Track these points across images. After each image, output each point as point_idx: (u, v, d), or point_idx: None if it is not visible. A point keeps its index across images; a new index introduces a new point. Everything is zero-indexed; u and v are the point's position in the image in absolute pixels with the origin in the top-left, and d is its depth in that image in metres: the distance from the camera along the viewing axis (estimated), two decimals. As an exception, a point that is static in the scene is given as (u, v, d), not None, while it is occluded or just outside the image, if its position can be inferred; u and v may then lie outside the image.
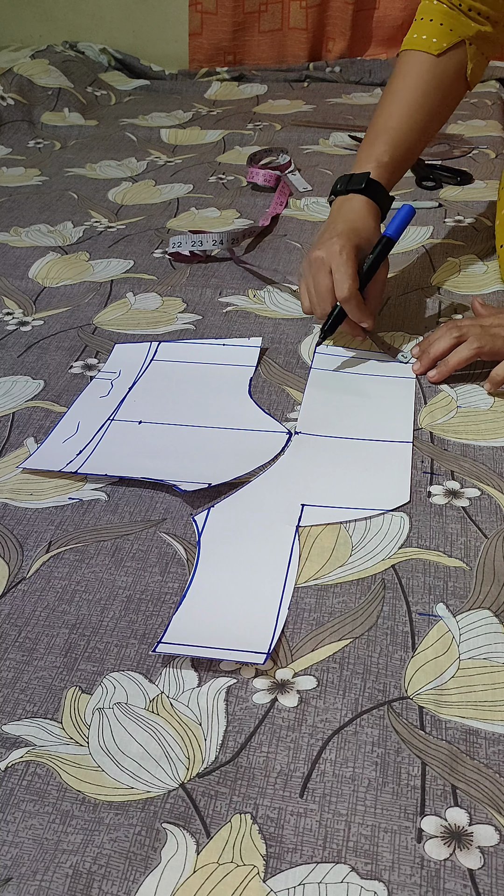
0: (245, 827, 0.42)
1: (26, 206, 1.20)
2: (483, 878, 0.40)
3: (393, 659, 0.51)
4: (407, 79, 0.87)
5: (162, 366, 0.81)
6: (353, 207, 0.82)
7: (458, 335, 0.76)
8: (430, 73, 0.86)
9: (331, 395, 0.75)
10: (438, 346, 0.76)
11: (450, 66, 0.86)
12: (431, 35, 0.86)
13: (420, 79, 0.86)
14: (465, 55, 0.86)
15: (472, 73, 0.88)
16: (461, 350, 0.75)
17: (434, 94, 0.86)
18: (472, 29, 0.85)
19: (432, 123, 0.88)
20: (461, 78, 0.88)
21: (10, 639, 0.53)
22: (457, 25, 0.86)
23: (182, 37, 1.95)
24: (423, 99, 0.86)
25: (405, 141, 0.86)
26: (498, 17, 0.86)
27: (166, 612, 0.54)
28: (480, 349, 0.74)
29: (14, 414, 0.75)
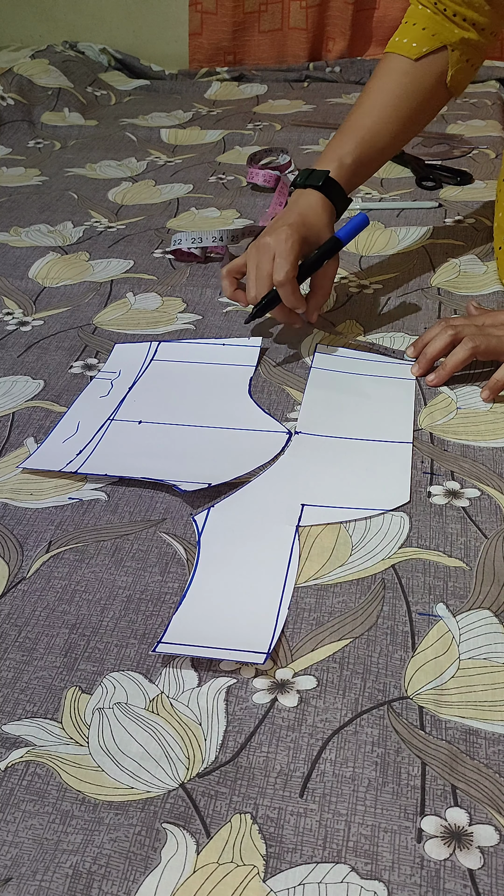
0: (245, 827, 0.42)
1: (26, 206, 1.20)
2: (483, 878, 0.40)
3: (393, 659, 0.51)
4: (382, 81, 0.87)
5: (162, 366, 0.81)
6: (309, 202, 0.82)
7: (452, 334, 0.76)
8: (406, 77, 0.86)
9: (331, 395, 0.75)
10: (435, 346, 0.76)
11: (428, 71, 0.86)
12: (413, 39, 0.86)
13: (395, 83, 0.86)
14: (446, 61, 0.86)
15: (454, 79, 0.87)
16: (457, 352, 0.75)
17: (408, 100, 0.86)
18: (456, 35, 0.85)
19: (405, 128, 0.88)
20: (440, 84, 0.87)
21: (10, 639, 0.53)
22: (440, 31, 0.85)
23: (182, 37, 1.95)
24: (396, 102, 0.86)
25: (372, 144, 0.86)
26: (485, 24, 0.85)
27: (166, 612, 0.54)
28: (476, 349, 0.74)
29: (14, 414, 0.75)
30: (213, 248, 1.01)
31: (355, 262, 1.00)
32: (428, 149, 1.37)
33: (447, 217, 1.11)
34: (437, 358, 0.76)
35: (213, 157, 1.38)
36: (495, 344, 0.74)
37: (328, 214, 0.82)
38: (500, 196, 0.94)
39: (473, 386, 0.76)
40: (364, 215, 0.82)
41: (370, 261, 1.00)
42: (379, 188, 1.22)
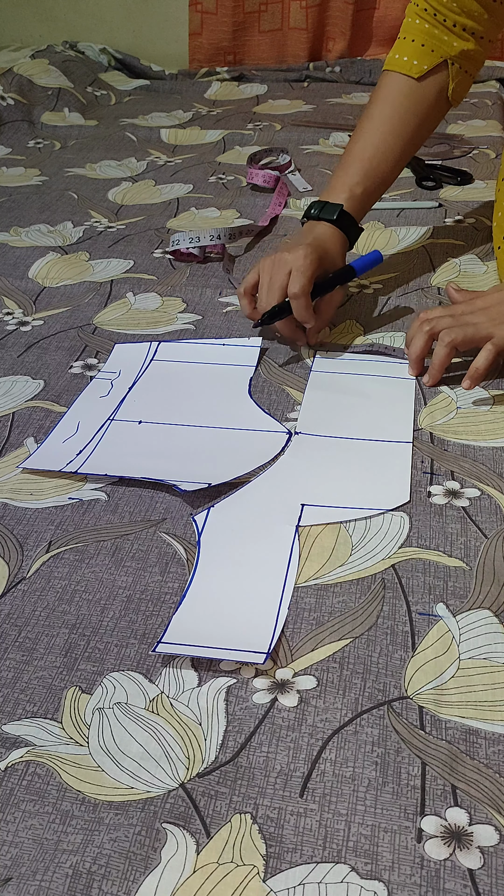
0: (245, 827, 0.42)
1: (26, 206, 1.20)
2: (483, 878, 0.40)
3: (393, 659, 0.51)
4: (385, 104, 0.87)
5: (162, 366, 0.81)
6: (324, 232, 0.84)
7: (428, 330, 0.76)
8: (409, 98, 0.86)
9: (331, 395, 0.75)
10: (416, 347, 0.76)
11: (430, 88, 0.86)
12: (413, 56, 0.86)
13: (398, 104, 0.86)
14: (447, 75, 0.86)
15: (455, 91, 0.87)
16: (437, 351, 0.75)
17: (412, 120, 0.86)
18: (455, 49, 0.85)
19: (408, 148, 0.88)
20: (442, 99, 0.88)
21: (10, 639, 0.53)
22: (438, 45, 0.85)
23: (182, 37, 1.95)
24: (400, 125, 0.86)
25: (380, 171, 0.87)
26: (483, 32, 0.86)
27: (166, 612, 0.54)
28: (454, 342, 0.74)
29: (14, 414, 0.75)
30: (211, 248, 1.01)
31: (355, 262, 1.00)
32: (428, 149, 1.37)
33: (447, 217, 1.11)
34: (422, 357, 0.76)
35: (213, 157, 1.38)
36: (471, 333, 0.73)
37: (342, 245, 0.84)
38: (499, 196, 0.94)
39: (473, 386, 0.76)
40: (378, 253, 0.85)
41: (370, 261, 1.00)
42: (379, 188, 1.22)
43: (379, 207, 1.14)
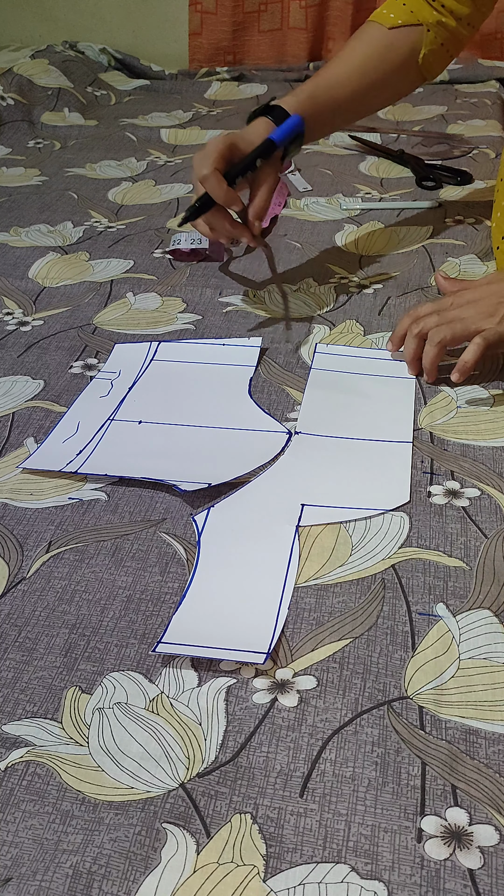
0: (245, 827, 0.42)
1: (26, 206, 1.20)
2: (483, 878, 0.40)
3: (393, 659, 0.51)
4: (355, 42, 0.90)
5: (162, 366, 0.81)
6: (253, 124, 0.83)
7: (417, 332, 0.75)
8: (377, 41, 0.89)
9: (331, 395, 0.75)
10: (408, 350, 0.76)
11: (399, 41, 0.88)
12: (391, 10, 0.90)
13: (366, 45, 0.89)
14: (420, 39, 0.88)
15: (426, 59, 0.89)
16: (428, 351, 0.74)
17: (375, 62, 0.88)
18: (434, 17, 0.88)
19: (368, 90, 0.89)
20: (412, 60, 0.89)
21: (10, 639, 0.53)
22: (419, 9, 0.88)
23: (182, 37, 1.95)
24: (362, 62, 0.88)
25: (333, 88, 0.87)
26: (462, 14, 0.88)
27: (166, 612, 0.54)
28: (443, 342, 0.73)
29: (14, 414, 0.75)
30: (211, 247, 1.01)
31: (355, 262, 1.00)
32: (428, 149, 1.37)
33: (447, 217, 1.11)
34: (418, 357, 0.76)
35: (213, 157, 1.37)
36: (460, 330, 0.73)
37: (267, 130, 0.82)
38: (498, 196, 0.94)
39: (474, 385, 0.76)
40: (298, 117, 0.81)
41: (370, 261, 1.00)
42: (379, 188, 1.22)
43: (379, 207, 1.14)
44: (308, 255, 1.02)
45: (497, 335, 0.71)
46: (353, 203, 1.16)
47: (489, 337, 0.71)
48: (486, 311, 0.73)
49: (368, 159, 1.35)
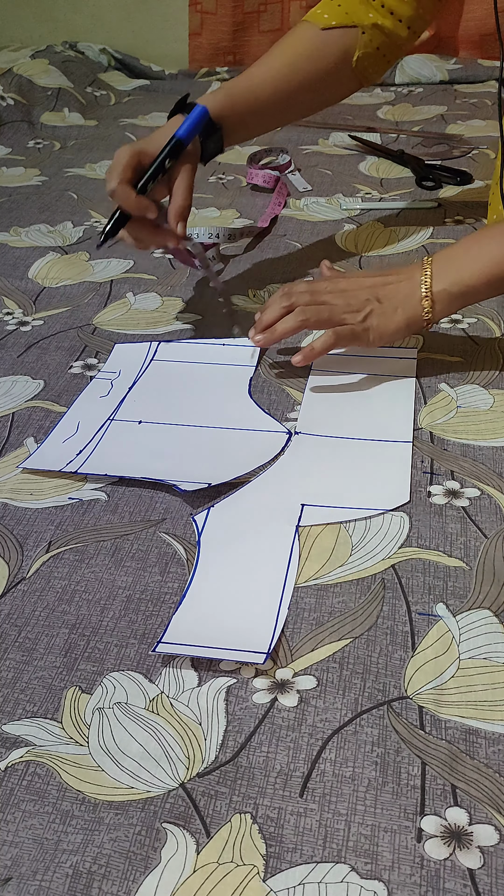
0: (245, 827, 0.42)
1: (26, 206, 1.20)
2: (483, 878, 0.40)
3: (393, 659, 0.51)
4: (286, 40, 0.88)
5: (162, 366, 0.81)
6: (168, 123, 0.81)
7: (286, 304, 0.75)
8: (307, 41, 0.86)
9: (331, 395, 0.75)
10: (268, 315, 0.75)
11: (332, 43, 0.86)
12: (326, 11, 0.87)
13: (296, 43, 0.87)
14: (355, 41, 0.86)
15: (360, 62, 0.87)
16: (287, 319, 0.73)
17: (303, 62, 0.86)
18: (370, 19, 0.85)
19: (297, 92, 0.86)
20: (345, 62, 0.87)
21: (10, 639, 0.53)
22: (354, 10, 0.86)
23: (182, 37, 1.95)
24: (292, 60, 0.85)
25: (256, 88, 0.84)
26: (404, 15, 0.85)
27: (166, 612, 0.54)
28: (306, 321, 0.73)
29: (14, 414, 0.75)
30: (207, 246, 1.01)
31: (355, 262, 1.00)
32: (428, 149, 1.37)
33: (447, 217, 1.11)
34: (270, 325, 0.75)
35: (212, 157, 1.38)
36: (325, 316, 0.73)
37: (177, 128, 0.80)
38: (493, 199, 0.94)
39: (474, 385, 0.76)
40: (203, 108, 0.78)
41: (370, 261, 1.00)
42: (379, 188, 1.22)
43: (379, 207, 1.14)
44: (308, 255, 1.02)
45: (351, 333, 0.72)
46: (353, 203, 1.16)
47: (342, 333, 0.72)
48: (355, 305, 0.73)
49: (368, 159, 1.35)
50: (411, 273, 0.73)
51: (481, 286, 0.70)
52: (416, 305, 0.72)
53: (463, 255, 0.71)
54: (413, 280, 0.73)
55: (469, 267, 0.70)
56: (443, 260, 0.72)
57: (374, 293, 0.73)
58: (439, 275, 0.71)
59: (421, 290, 0.72)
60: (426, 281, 0.71)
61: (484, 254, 0.70)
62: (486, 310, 0.87)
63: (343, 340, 0.73)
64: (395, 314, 0.73)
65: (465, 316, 0.87)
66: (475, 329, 0.85)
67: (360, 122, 1.53)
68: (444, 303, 0.72)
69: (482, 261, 0.70)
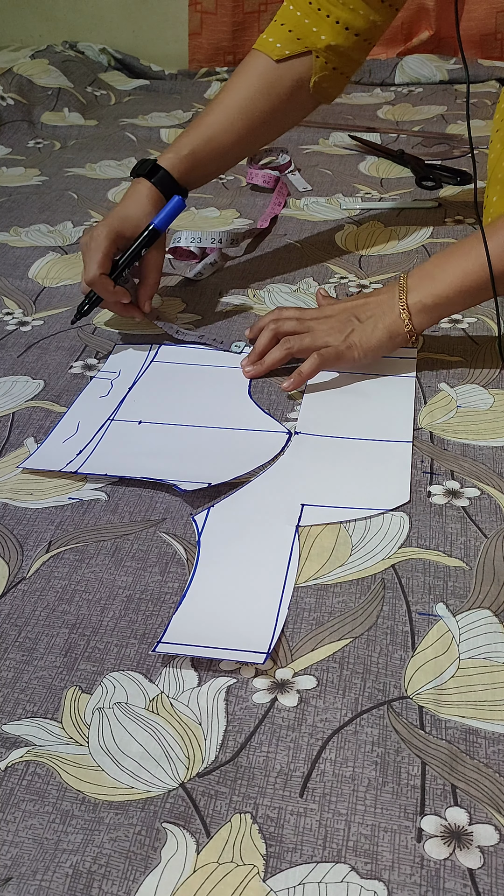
0: (245, 826, 0.42)
1: (26, 206, 1.20)
2: (483, 878, 0.40)
3: (393, 659, 0.51)
4: (240, 78, 0.87)
5: (162, 366, 0.81)
6: (137, 192, 0.83)
7: (274, 328, 0.78)
8: (263, 77, 0.85)
9: (331, 395, 0.75)
10: (260, 343, 0.78)
11: (287, 74, 0.85)
12: (278, 40, 0.85)
13: (251, 83, 0.86)
14: (310, 67, 0.85)
15: (317, 86, 0.86)
16: (274, 352, 0.77)
17: (262, 100, 0.85)
18: (322, 42, 0.83)
19: (255, 130, 0.87)
20: (302, 89, 0.86)
21: (10, 639, 0.53)
22: (305, 35, 0.84)
23: (182, 37, 1.95)
24: (246, 104, 0.85)
25: (211, 140, 0.85)
26: (361, 30, 0.84)
27: (166, 612, 0.54)
28: (290, 350, 0.76)
29: (14, 414, 0.75)
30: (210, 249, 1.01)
31: (355, 262, 1.00)
32: (428, 149, 1.37)
33: (447, 217, 1.11)
34: (265, 352, 0.78)
35: (212, 157, 1.37)
36: (308, 343, 0.75)
37: (153, 204, 0.82)
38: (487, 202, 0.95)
39: (473, 385, 0.76)
40: (179, 198, 0.82)
41: (370, 261, 1.00)
42: (379, 188, 1.22)
43: (379, 207, 1.14)
44: (308, 255, 1.02)
45: (335, 353, 0.74)
46: (353, 203, 1.16)
47: (326, 355, 0.74)
48: (337, 328, 0.76)
49: (368, 159, 1.35)
50: (389, 290, 0.77)
51: (455, 297, 0.73)
52: (395, 319, 0.75)
53: (436, 270, 0.74)
54: (391, 295, 0.76)
55: (442, 280, 0.73)
56: (418, 275, 0.75)
57: (354, 313, 0.77)
58: (414, 289, 0.74)
59: (398, 303, 0.75)
60: (402, 295, 0.75)
61: (456, 267, 0.73)
62: (486, 310, 0.87)
63: (328, 362, 0.75)
64: (376, 329, 0.75)
65: (465, 316, 0.87)
66: (475, 329, 0.85)
67: (360, 122, 1.53)
68: (421, 315, 0.74)
69: (454, 274, 0.73)
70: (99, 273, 0.77)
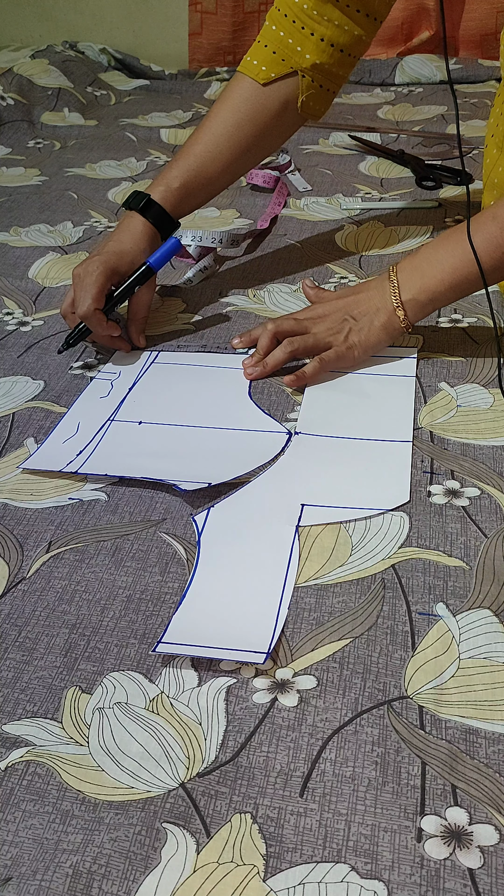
0: (245, 826, 0.42)
1: (26, 206, 1.20)
2: (483, 878, 0.40)
3: (393, 658, 0.51)
4: (227, 104, 0.86)
5: (162, 367, 0.81)
6: (132, 227, 0.84)
7: (273, 329, 0.78)
8: (249, 102, 0.85)
9: (331, 395, 0.75)
10: (262, 345, 0.79)
11: (274, 97, 0.85)
12: (262, 62, 0.84)
13: (237, 109, 0.85)
14: (296, 87, 0.85)
15: (306, 105, 0.86)
16: (276, 353, 0.77)
17: (249, 127, 0.85)
18: (308, 61, 0.83)
19: (243, 155, 0.87)
20: (289, 109, 0.86)
21: (10, 639, 0.53)
22: (290, 55, 0.83)
23: (182, 37, 1.95)
24: (235, 131, 0.85)
25: (205, 171, 0.86)
26: (346, 47, 0.83)
27: (166, 612, 0.54)
28: (294, 351, 0.76)
29: (14, 414, 0.75)
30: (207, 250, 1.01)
31: (355, 262, 1.00)
32: (428, 149, 1.37)
33: (447, 217, 1.11)
34: (266, 353, 0.78)
35: (212, 157, 1.37)
36: (311, 343, 0.76)
37: (149, 240, 0.83)
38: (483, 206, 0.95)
39: (473, 384, 0.76)
40: (176, 240, 0.83)
41: (370, 261, 1.00)
42: (379, 188, 1.22)
43: (379, 207, 1.14)
44: (308, 256, 1.02)
45: (336, 355, 0.76)
46: (353, 203, 1.16)
47: (327, 358, 0.76)
48: (334, 327, 0.77)
49: (368, 159, 1.35)
50: (380, 286, 0.77)
51: (446, 291, 0.74)
52: (390, 316, 0.76)
53: (425, 264, 0.75)
54: (383, 292, 0.76)
55: (432, 275, 0.74)
56: (407, 269, 0.76)
57: (349, 312, 0.77)
58: (406, 285, 0.75)
59: (392, 301, 0.75)
60: (395, 292, 0.75)
61: (444, 261, 0.73)
62: (486, 309, 0.87)
63: (330, 364, 0.76)
64: (373, 327, 0.76)
65: (466, 315, 0.87)
66: (475, 328, 0.85)
67: (360, 122, 1.53)
68: (415, 310, 0.75)
69: (443, 268, 0.73)
70: (94, 308, 0.78)
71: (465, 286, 0.73)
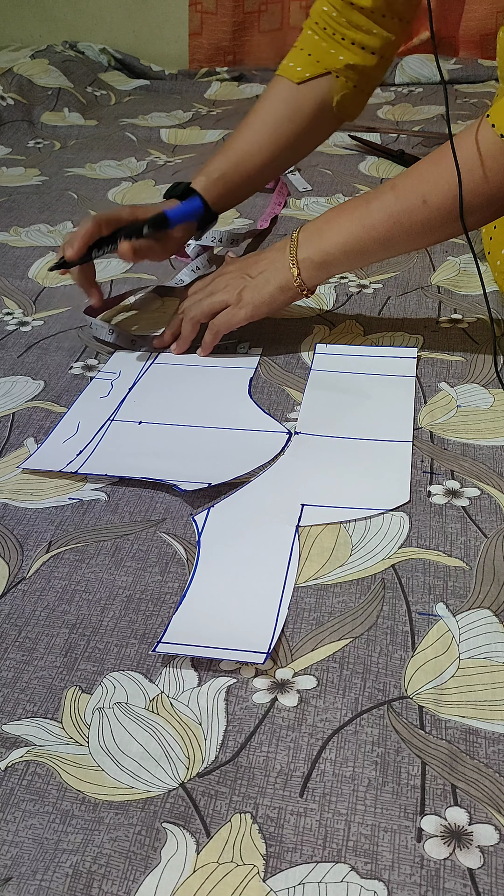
0: (245, 826, 0.42)
1: (26, 206, 1.20)
2: (483, 878, 0.40)
3: (393, 658, 0.51)
4: (265, 103, 0.89)
5: (162, 367, 0.81)
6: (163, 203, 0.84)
7: (181, 310, 0.81)
8: (287, 101, 0.87)
9: (331, 395, 0.75)
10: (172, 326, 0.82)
11: (309, 96, 0.86)
12: (298, 64, 0.87)
13: (276, 108, 0.88)
14: (330, 87, 0.86)
15: (341, 105, 0.87)
16: (184, 327, 0.81)
17: (287, 124, 0.87)
18: (341, 62, 0.85)
19: (283, 152, 0.88)
20: (325, 109, 0.87)
21: (10, 639, 0.53)
22: (324, 57, 0.85)
23: (182, 37, 1.95)
24: (273, 127, 0.87)
25: (244, 162, 0.87)
26: (374, 47, 0.85)
27: (166, 612, 0.54)
28: (194, 318, 0.80)
29: (14, 414, 0.75)
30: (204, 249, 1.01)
31: (355, 262, 1.00)
32: (428, 149, 1.37)
33: (447, 217, 1.11)
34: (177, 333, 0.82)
35: (212, 157, 1.38)
36: (207, 306, 0.79)
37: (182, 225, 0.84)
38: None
39: (473, 384, 0.76)
40: (198, 204, 0.84)
41: (370, 260, 1.00)
42: (379, 188, 1.22)
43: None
44: (308, 255, 1.02)
45: (226, 319, 0.79)
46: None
47: (217, 324, 0.79)
48: (231, 283, 0.79)
49: (368, 159, 1.35)
50: (281, 245, 0.79)
51: (341, 256, 0.76)
52: (285, 273, 0.77)
53: (325, 227, 0.76)
54: (282, 251, 0.78)
55: (330, 238, 0.75)
56: (309, 230, 0.77)
57: (246, 270, 0.79)
58: (304, 244, 0.77)
59: (288, 258, 0.77)
60: (293, 250, 0.77)
61: (343, 227, 0.75)
62: (486, 309, 0.87)
63: (222, 328, 0.79)
64: (267, 284, 0.78)
65: (465, 315, 0.87)
66: (475, 328, 0.85)
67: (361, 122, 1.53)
68: (309, 270, 0.77)
69: (342, 234, 0.75)
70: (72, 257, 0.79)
71: (360, 254, 0.75)
